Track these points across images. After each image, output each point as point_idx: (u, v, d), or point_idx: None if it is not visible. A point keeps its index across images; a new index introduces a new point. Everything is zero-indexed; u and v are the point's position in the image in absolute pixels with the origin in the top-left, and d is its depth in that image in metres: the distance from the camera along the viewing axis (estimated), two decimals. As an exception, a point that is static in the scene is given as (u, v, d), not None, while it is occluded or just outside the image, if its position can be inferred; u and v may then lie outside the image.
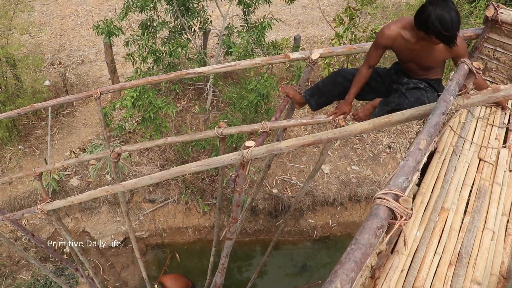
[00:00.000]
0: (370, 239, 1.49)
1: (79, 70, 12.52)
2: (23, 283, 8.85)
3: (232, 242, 3.72)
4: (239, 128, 3.47)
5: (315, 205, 9.89)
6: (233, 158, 2.86)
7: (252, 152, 2.83)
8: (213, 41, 12.30)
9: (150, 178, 3.00)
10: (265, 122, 3.46)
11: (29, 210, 3.44)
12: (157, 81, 3.87)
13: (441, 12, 2.66)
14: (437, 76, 3.29)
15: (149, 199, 9.60)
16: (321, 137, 2.78)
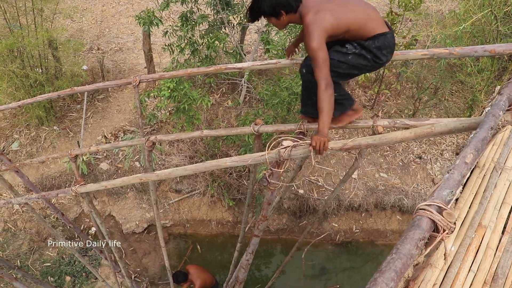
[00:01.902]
0: (411, 250, 1.47)
1: (116, 57, 12.70)
2: (49, 259, 9.06)
3: (258, 239, 3.72)
4: (275, 126, 3.46)
5: (340, 209, 9.81)
6: (269, 156, 2.85)
7: (290, 152, 2.82)
8: (250, 37, 12.32)
9: (184, 169, 3.02)
10: (303, 122, 3.44)
11: (64, 191, 3.50)
12: (196, 74, 3.89)
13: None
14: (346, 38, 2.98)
15: (175, 189, 9.69)
16: (360, 142, 2.75)
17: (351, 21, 2.80)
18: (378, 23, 2.89)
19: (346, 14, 2.80)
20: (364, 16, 2.84)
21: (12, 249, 9.03)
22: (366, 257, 9.98)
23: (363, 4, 2.92)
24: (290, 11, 2.88)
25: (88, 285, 8.65)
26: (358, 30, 2.84)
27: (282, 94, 7.19)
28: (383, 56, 2.97)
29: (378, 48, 2.90)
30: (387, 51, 2.96)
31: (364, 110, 10.70)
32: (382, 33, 2.89)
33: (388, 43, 2.92)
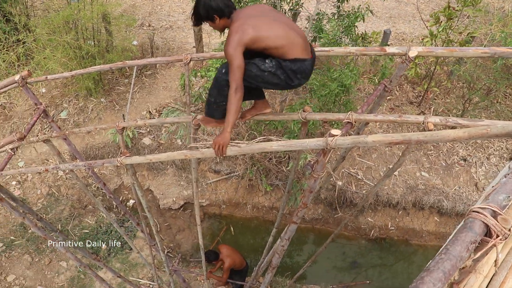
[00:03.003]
0: (461, 252, 1.43)
1: (166, 34, 12.83)
2: (87, 227, 9.36)
3: (296, 226, 3.71)
4: (323, 115, 3.42)
5: (377, 204, 9.68)
6: (316, 144, 2.81)
7: (337, 141, 2.77)
8: (300, 24, 12.19)
9: (229, 150, 3.03)
10: (351, 112, 3.38)
11: (109, 161, 3.58)
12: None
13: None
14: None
15: (214, 170, 9.78)
16: (411, 138, 2.67)
17: (271, 41, 3.00)
18: (299, 48, 3.09)
19: (268, 33, 3.00)
20: (285, 39, 3.03)
21: (54, 213, 9.36)
22: (398, 255, 9.85)
23: (289, 28, 3.10)
24: (223, 16, 3.14)
25: (122, 255, 8.89)
26: (277, 50, 3.04)
27: (331, 85, 7.09)
28: (296, 80, 3.19)
29: (293, 71, 3.12)
30: (302, 76, 3.18)
31: (410, 107, 10.45)
32: (301, 59, 3.10)
33: (304, 69, 3.15)
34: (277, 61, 3.11)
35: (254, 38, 2.97)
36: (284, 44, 3.04)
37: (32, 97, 4.71)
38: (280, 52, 3.07)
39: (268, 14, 3.14)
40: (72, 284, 8.36)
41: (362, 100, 10.16)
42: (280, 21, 3.10)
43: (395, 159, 9.75)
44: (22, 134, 4.77)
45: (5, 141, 4.53)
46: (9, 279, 8.32)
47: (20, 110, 10.98)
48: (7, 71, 9.23)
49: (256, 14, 3.11)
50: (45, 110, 4.87)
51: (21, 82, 4.39)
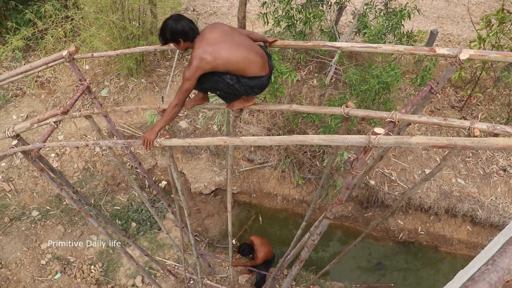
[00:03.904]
0: (510, 265, 1.38)
1: (209, 20, 12.88)
2: (119, 204, 9.55)
3: (329, 222, 3.69)
4: (366, 112, 3.36)
5: (408, 207, 9.54)
6: (358, 140, 2.77)
7: (380, 140, 2.73)
8: (345, 18, 12.02)
9: (270, 139, 3.01)
10: (395, 112, 3.32)
11: (149, 141, 3.62)
12: (294, 47, 3.85)
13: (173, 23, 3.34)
14: None
15: (248, 158, 9.80)
16: (456, 143, 2.60)
17: (230, 66, 3.29)
18: (257, 67, 3.38)
19: (229, 57, 3.26)
20: (244, 61, 3.31)
21: (88, 188, 9.59)
22: (426, 261, 9.69)
23: (248, 50, 3.36)
24: (187, 40, 3.39)
25: (151, 234, 9.04)
26: (237, 72, 3.34)
27: (371, 81, 6.99)
28: (252, 92, 3.53)
29: (250, 86, 3.45)
30: (257, 89, 3.52)
31: (451, 111, 10.20)
32: (258, 76, 3.42)
33: (261, 84, 3.50)
34: (237, 78, 3.40)
35: (213, 67, 3.27)
36: (243, 66, 3.32)
37: (78, 73, 4.79)
38: (240, 73, 3.36)
39: (228, 38, 3.35)
40: (100, 258, 8.57)
41: (402, 100, 9.98)
42: (240, 44, 3.35)
43: (431, 163, 9.56)
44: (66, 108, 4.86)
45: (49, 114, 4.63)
46: (43, 247, 8.59)
47: (63, 85, 11.24)
48: (54, 46, 9.44)
49: (217, 40, 3.33)
50: (88, 87, 4.95)
51: (68, 58, 4.46)
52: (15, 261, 8.33)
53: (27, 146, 4.31)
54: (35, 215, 9.10)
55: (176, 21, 3.33)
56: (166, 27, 3.36)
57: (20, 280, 8.07)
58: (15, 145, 4.28)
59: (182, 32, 3.34)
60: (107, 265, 8.48)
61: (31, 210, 9.17)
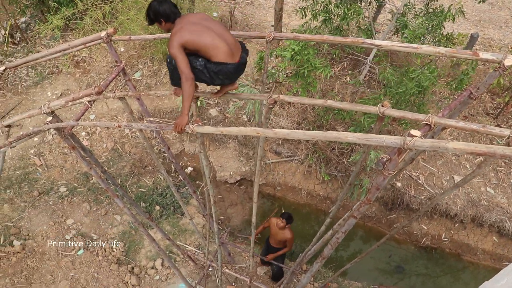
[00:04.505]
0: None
1: (246, 10, 12.86)
2: (145, 186, 9.67)
3: (355, 221, 3.66)
4: (402, 113, 3.30)
5: (433, 212, 9.39)
6: (393, 141, 2.74)
7: (416, 142, 2.69)
8: (383, 16, 11.85)
9: (303, 134, 2.99)
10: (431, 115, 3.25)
11: (181, 127, 3.64)
12: (332, 42, 3.79)
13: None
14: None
15: (275, 151, 9.80)
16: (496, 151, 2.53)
17: (202, 45, 3.55)
18: (224, 54, 3.59)
19: (200, 38, 3.56)
20: (211, 45, 3.56)
21: (115, 168, 9.73)
22: (447, 268, 9.53)
23: (217, 36, 3.61)
24: (168, 21, 3.71)
25: (174, 219, 9.13)
26: (205, 53, 3.58)
27: (408, 84, 6.87)
28: (218, 80, 3.72)
29: (215, 72, 3.64)
30: (224, 77, 3.70)
31: (486, 118, 9.98)
32: (223, 63, 3.60)
33: (226, 72, 3.66)
34: (205, 62, 3.64)
35: (188, 41, 3.52)
36: (209, 48, 3.57)
37: (114, 55, 4.84)
38: (207, 55, 3.60)
39: (203, 23, 3.67)
40: (123, 238, 8.70)
41: (435, 103, 9.80)
42: (211, 29, 3.63)
43: (461, 169, 9.39)
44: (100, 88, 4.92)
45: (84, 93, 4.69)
46: (68, 222, 8.78)
47: (98, 65, 11.41)
48: (92, 27, 9.59)
49: (194, 21, 3.66)
50: (124, 69, 5.00)
51: (106, 39, 4.51)
52: (41, 234, 8.54)
53: (61, 123, 4.39)
54: (63, 191, 9.29)
55: (159, 3, 3.67)
56: (150, 8, 3.72)
57: (45, 253, 8.27)
58: (50, 122, 4.36)
59: (163, 14, 3.67)
60: (129, 245, 8.61)
61: (59, 185, 9.37)
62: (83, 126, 10.10)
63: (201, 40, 3.56)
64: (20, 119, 4.70)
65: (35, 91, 11.19)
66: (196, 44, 3.56)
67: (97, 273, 8.08)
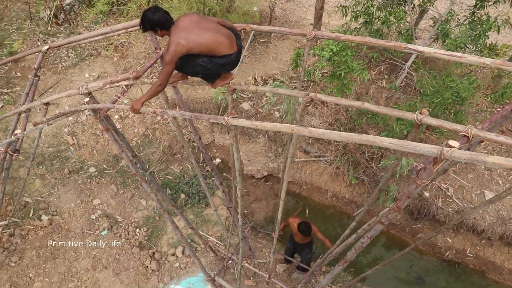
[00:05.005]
0: None
1: (286, 6, 12.83)
2: (172, 173, 9.77)
3: (382, 227, 3.61)
4: (439, 122, 3.22)
5: (460, 226, 9.19)
6: (430, 150, 2.68)
7: (453, 153, 2.63)
8: (425, 22, 11.63)
9: (339, 135, 2.96)
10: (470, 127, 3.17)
11: (216, 118, 3.64)
12: (374, 45, 3.74)
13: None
14: None
15: (305, 150, 9.75)
16: (537, 168, 2.46)
17: (203, 47, 3.78)
18: (225, 46, 3.89)
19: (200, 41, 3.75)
20: (214, 43, 3.82)
21: (145, 154, 9.86)
22: (469, 285, 9.32)
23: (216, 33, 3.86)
24: (163, 29, 3.83)
25: (198, 208, 9.19)
26: (208, 52, 3.83)
27: (446, 93, 6.73)
28: (224, 69, 4.06)
29: (221, 64, 3.95)
30: (229, 66, 4.04)
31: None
32: (227, 55, 3.92)
33: (230, 61, 3.99)
34: (209, 58, 3.89)
35: (187, 50, 3.72)
36: (213, 47, 3.82)
37: (154, 42, 4.89)
38: (211, 53, 3.85)
39: (197, 25, 3.85)
40: (146, 222, 8.82)
41: (472, 115, 9.58)
42: (207, 29, 3.84)
43: (493, 185, 9.16)
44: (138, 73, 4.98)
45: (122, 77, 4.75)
46: (95, 203, 8.95)
47: (136, 51, 11.56)
48: (136, 13, 9.71)
49: (188, 27, 3.82)
50: (162, 56, 5.06)
51: (148, 26, 4.57)
52: (68, 211, 8.73)
53: (98, 105, 4.46)
54: (92, 171, 9.47)
55: (153, 13, 3.80)
56: (145, 18, 3.84)
57: (71, 230, 8.45)
58: (87, 102, 4.44)
59: (158, 22, 3.80)
60: (152, 230, 8.72)
61: (89, 166, 9.55)
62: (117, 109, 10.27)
63: (203, 44, 3.79)
64: (58, 98, 4.80)
65: (73, 71, 11.41)
66: (200, 49, 3.79)
67: (119, 254, 8.21)
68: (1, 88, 10.76)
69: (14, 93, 10.76)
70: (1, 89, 10.75)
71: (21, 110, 5.23)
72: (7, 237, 8.22)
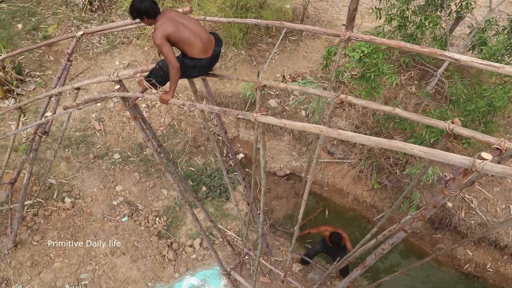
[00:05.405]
0: None
1: (319, 5, 12.75)
2: (195, 165, 9.82)
3: (405, 235, 3.57)
4: (472, 132, 3.16)
5: (482, 240, 9.02)
6: (461, 161, 2.64)
7: (485, 166, 2.58)
8: (460, 29, 11.42)
9: (368, 139, 2.93)
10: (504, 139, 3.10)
11: (244, 114, 3.65)
12: (409, 49, 3.67)
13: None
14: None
15: (329, 151, 9.69)
16: None
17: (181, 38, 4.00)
18: (199, 50, 4.09)
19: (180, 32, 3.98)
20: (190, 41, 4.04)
21: (169, 144, 9.93)
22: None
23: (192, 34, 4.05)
24: (149, 17, 4.02)
25: (218, 202, 9.22)
26: (183, 46, 4.06)
27: (479, 102, 6.60)
28: (195, 72, 4.29)
29: (191, 66, 4.18)
30: (199, 70, 4.27)
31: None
32: (197, 58, 4.13)
33: (200, 65, 4.20)
34: (181, 57, 4.16)
35: (172, 33, 3.94)
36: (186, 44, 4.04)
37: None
38: (184, 49, 4.09)
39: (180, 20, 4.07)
40: (166, 212, 8.89)
41: (504, 127, 9.38)
42: (187, 27, 4.06)
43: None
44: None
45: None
46: (117, 189, 9.06)
47: (167, 41, 11.61)
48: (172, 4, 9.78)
49: (174, 18, 4.04)
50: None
51: (181, 16, 4.58)
52: (91, 196, 8.86)
53: (128, 93, 4.50)
54: (116, 157, 9.58)
55: (140, 2, 3.97)
56: (133, 6, 4.03)
57: (92, 214, 8.58)
58: (117, 90, 4.49)
59: (145, 11, 3.99)
60: (171, 220, 8.79)
61: (114, 152, 9.67)
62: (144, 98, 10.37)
63: (181, 34, 4.00)
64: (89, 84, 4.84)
65: (104, 58, 11.55)
66: (177, 37, 3.99)
67: (137, 241, 8.30)
68: (34, 71, 10.97)
69: (46, 76, 10.95)
70: (34, 71, 10.95)
71: (52, 93, 5.31)
72: (31, 217, 8.39)
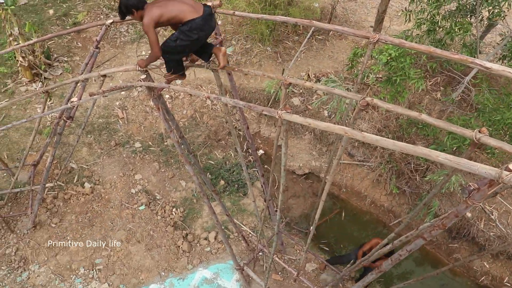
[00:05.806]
0: None
1: (348, 5, 12.65)
2: (214, 159, 9.87)
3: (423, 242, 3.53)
4: (499, 143, 3.10)
5: (501, 252, 8.87)
6: (488, 172, 2.59)
7: (512, 179, 2.52)
8: (491, 37, 11.21)
9: (393, 144, 2.89)
10: (531, 153, 3.05)
11: (269, 110, 3.63)
12: (438, 55, 3.60)
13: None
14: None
15: (349, 153, 9.63)
16: None
17: (171, 14, 4.16)
18: (190, 12, 4.20)
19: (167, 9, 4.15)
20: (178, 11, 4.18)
21: (190, 136, 9.98)
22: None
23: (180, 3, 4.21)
24: (138, 9, 4.17)
25: (236, 197, 9.25)
26: (175, 19, 4.20)
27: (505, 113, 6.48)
28: (194, 35, 4.27)
29: (188, 30, 4.23)
30: (197, 31, 4.26)
31: None
32: (190, 20, 4.19)
33: (196, 25, 4.23)
34: (177, 32, 4.27)
35: (159, 15, 4.11)
36: (177, 14, 4.17)
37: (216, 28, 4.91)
38: (177, 20, 4.21)
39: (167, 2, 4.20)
40: (183, 203, 8.94)
41: (530, 140, 9.20)
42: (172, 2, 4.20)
43: None
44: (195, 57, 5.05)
45: (179, 58, 4.82)
46: (136, 177, 9.15)
47: (194, 34, 11.66)
48: (200, -1, 9.80)
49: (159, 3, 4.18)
50: (221, 42, 5.08)
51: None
52: (110, 182, 8.96)
53: (154, 83, 4.53)
54: (137, 146, 9.67)
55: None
56: (121, 3, 4.19)
57: (110, 201, 8.68)
58: (143, 79, 4.53)
59: (133, 5, 4.15)
60: (188, 212, 8.84)
61: (135, 140, 9.76)
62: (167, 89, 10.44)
63: (168, 11, 4.15)
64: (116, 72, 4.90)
65: (131, 47, 11.65)
66: (167, 15, 4.16)
67: (153, 231, 8.37)
68: (62, 56, 11.12)
69: (73, 62, 11.10)
70: (62, 57, 11.10)
71: (79, 79, 5.37)
72: (51, 199, 8.53)
